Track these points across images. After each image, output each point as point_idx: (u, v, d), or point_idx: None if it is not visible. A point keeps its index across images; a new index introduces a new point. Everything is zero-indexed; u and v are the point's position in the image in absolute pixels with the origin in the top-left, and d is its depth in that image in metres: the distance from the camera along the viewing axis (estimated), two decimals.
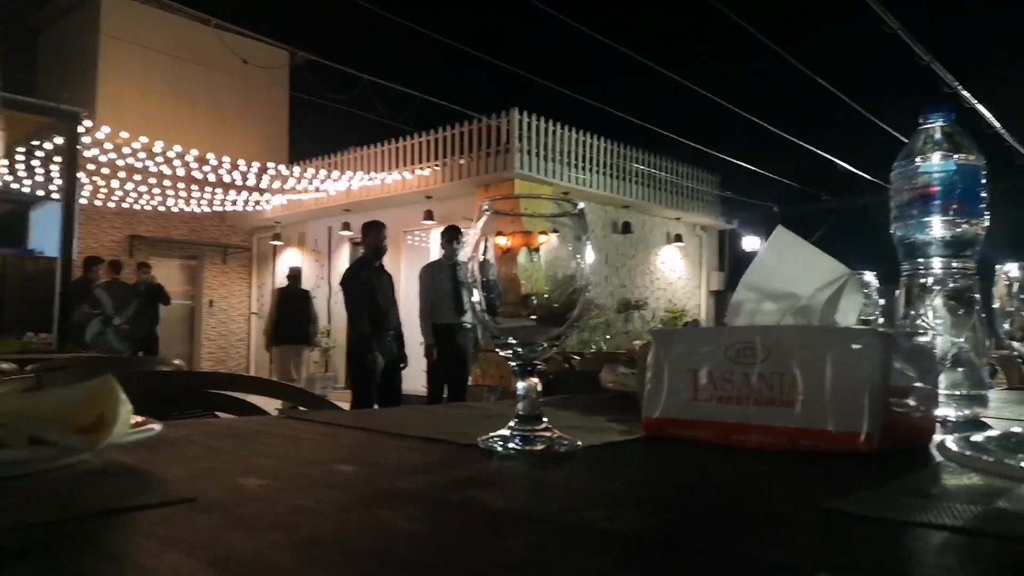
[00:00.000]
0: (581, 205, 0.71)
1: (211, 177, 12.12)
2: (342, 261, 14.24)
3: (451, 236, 6.23)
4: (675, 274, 14.79)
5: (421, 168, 12.43)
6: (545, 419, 0.70)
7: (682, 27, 11.18)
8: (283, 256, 15.41)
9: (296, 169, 12.98)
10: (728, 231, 15.60)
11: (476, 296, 0.70)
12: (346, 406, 1.52)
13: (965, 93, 8.99)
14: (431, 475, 0.56)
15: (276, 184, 12.96)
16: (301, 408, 1.53)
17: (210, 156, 11.50)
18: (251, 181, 12.48)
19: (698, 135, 12.11)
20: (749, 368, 0.69)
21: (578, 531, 0.39)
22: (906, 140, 1.07)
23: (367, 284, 5.95)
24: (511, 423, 0.69)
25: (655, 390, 0.75)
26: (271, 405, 1.60)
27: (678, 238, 14.58)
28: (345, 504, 0.45)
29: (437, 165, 12.24)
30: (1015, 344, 0.89)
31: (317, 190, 13.12)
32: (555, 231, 0.71)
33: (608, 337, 11.96)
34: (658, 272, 14.41)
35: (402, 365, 6.18)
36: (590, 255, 0.70)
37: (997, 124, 9.17)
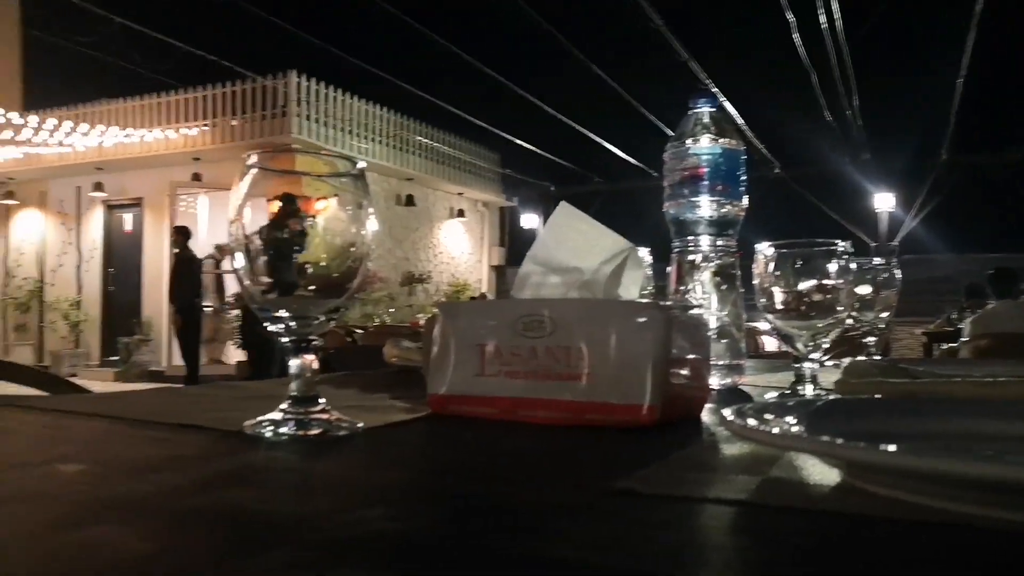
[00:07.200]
0: (362, 164, 0.64)
1: None
2: (93, 226, 12.76)
3: None
4: (458, 248, 15.00)
5: (188, 127, 11.42)
6: (322, 400, 0.63)
7: (469, 5, 11.22)
8: (19, 217, 13.47)
9: (33, 119, 11.32)
10: (508, 208, 16.08)
11: (240, 263, 0.61)
12: (98, 388, 1.31)
13: (716, 90, 9.99)
14: (178, 473, 0.47)
15: (7, 134, 11.22)
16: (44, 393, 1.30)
17: None
18: None
19: (480, 112, 12.28)
20: (536, 341, 0.67)
21: (352, 536, 0.34)
22: (668, 131, 1.12)
23: None
24: (283, 405, 0.62)
25: (441, 365, 0.71)
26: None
27: (461, 213, 14.78)
28: (52, 521, 0.35)
29: (206, 125, 11.32)
30: (769, 317, 0.96)
31: (61, 144, 11.56)
32: (335, 194, 0.65)
33: (392, 311, 11.87)
34: (441, 246, 14.53)
35: None
36: (372, 221, 0.64)
37: (742, 121, 10.29)
